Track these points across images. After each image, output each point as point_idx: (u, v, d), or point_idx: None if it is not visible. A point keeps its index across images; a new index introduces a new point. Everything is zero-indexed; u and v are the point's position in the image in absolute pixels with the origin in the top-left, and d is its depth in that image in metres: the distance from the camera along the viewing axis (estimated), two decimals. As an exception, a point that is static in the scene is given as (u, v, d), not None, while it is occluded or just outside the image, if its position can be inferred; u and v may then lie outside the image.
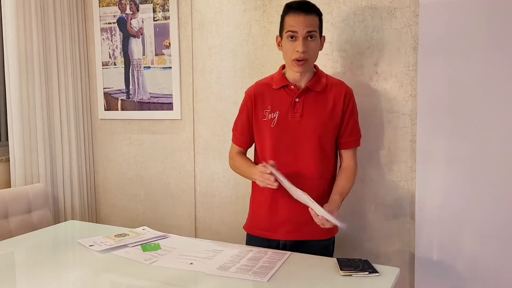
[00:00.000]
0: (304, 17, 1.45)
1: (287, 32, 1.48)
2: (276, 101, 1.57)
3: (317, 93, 1.55)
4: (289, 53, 1.50)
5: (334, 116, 1.55)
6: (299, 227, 1.54)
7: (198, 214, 2.38)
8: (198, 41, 2.28)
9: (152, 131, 2.48)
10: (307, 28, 1.45)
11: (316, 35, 1.49)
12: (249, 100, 1.62)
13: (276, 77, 1.60)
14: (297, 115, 1.53)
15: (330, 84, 1.57)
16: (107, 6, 2.57)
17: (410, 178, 1.79)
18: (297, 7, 1.48)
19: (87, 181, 2.67)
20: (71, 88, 2.54)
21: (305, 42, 1.46)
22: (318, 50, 1.54)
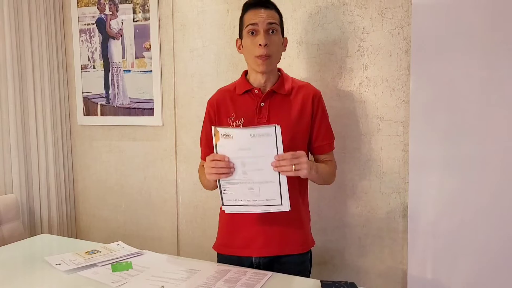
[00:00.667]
0: (265, 11, 1.39)
1: (247, 27, 1.40)
2: (240, 107, 1.47)
3: (283, 96, 1.46)
4: (250, 50, 1.41)
5: (303, 120, 1.46)
6: (272, 242, 1.44)
7: (180, 226, 2.25)
8: (180, 43, 2.15)
9: (133, 138, 2.35)
10: (268, 19, 1.38)
11: (278, 29, 1.41)
12: (211, 109, 1.53)
13: (239, 83, 1.51)
14: (263, 120, 1.43)
15: (296, 87, 1.48)
16: (86, 7, 2.44)
17: (403, 190, 1.67)
18: (256, 3, 1.41)
19: (65, 190, 2.54)
20: (47, 93, 2.41)
21: (267, 35, 1.38)
22: (281, 47, 1.45)
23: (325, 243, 1.82)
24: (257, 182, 1.28)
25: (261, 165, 1.25)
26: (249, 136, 1.24)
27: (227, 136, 1.26)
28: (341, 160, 1.75)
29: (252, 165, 1.26)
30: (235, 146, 1.26)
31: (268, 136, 1.23)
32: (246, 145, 1.25)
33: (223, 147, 1.27)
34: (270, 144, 1.23)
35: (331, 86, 1.77)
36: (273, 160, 1.24)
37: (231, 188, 1.31)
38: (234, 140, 1.25)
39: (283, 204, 1.28)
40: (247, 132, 1.24)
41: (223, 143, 1.27)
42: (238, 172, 1.28)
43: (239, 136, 1.25)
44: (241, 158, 1.26)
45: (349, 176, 1.75)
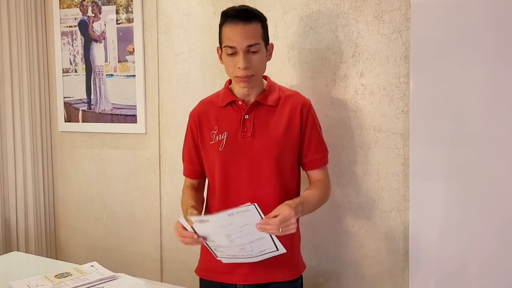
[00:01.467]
0: (243, 27, 1.25)
1: (225, 47, 1.29)
2: (223, 120, 1.36)
3: (269, 108, 1.35)
4: (230, 69, 1.31)
5: (291, 132, 1.34)
6: (259, 268, 1.31)
7: (164, 241, 2.11)
8: (164, 47, 2.03)
9: (115, 145, 2.22)
10: (247, 41, 1.25)
11: (260, 47, 1.29)
12: (193, 123, 1.42)
13: (222, 93, 1.40)
14: (248, 134, 1.32)
15: (284, 97, 1.37)
16: (68, 8, 2.32)
17: (403, 208, 1.54)
18: (234, 15, 1.28)
19: (44, 200, 2.40)
20: (27, 97, 2.28)
21: (247, 56, 1.26)
22: (264, 63, 1.34)
23: (319, 265, 1.69)
24: (247, 243, 1.20)
25: (247, 231, 1.16)
26: (227, 216, 1.12)
27: (201, 222, 1.16)
28: (335, 174, 1.62)
29: (237, 234, 1.17)
30: (213, 227, 1.16)
31: (248, 211, 1.12)
32: (226, 223, 1.14)
33: (200, 228, 1.17)
34: (252, 215, 1.13)
35: (324, 94, 1.65)
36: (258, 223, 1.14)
37: (221, 249, 1.24)
38: (210, 223, 1.16)
39: (279, 249, 1.22)
40: (224, 214, 1.12)
41: (199, 227, 1.17)
42: (224, 241, 1.19)
43: (215, 220, 1.15)
44: (224, 232, 1.16)
45: (344, 192, 1.62)
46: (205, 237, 1.18)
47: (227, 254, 1.25)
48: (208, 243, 1.21)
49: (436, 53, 1.42)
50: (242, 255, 1.24)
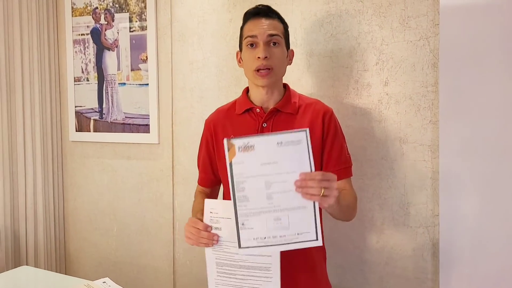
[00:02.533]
0: (265, 21, 1.24)
1: (246, 39, 1.26)
2: (240, 128, 1.29)
3: (288, 115, 1.28)
4: (249, 63, 1.25)
5: (312, 143, 1.23)
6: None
7: (177, 255, 2.04)
8: (178, 55, 1.97)
9: (127, 156, 2.16)
10: (269, 31, 1.22)
11: (281, 41, 1.25)
12: (208, 131, 1.37)
13: (240, 101, 1.35)
14: None
15: (304, 105, 1.30)
16: (80, 16, 2.28)
17: (432, 224, 1.46)
18: (256, 11, 1.26)
19: (54, 211, 2.35)
20: (38, 106, 2.24)
21: (267, 47, 1.22)
22: (284, 61, 1.28)
23: (341, 283, 1.60)
24: (285, 209, 1.00)
25: (290, 185, 0.99)
26: (276, 145, 0.98)
27: (246, 149, 0.99)
28: (358, 187, 1.54)
29: (279, 185, 0.99)
30: (257, 161, 0.99)
31: (299, 144, 0.98)
32: (272, 158, 0.99)
33: (242, 164, 1.00)
34: (302, 154, 0.98)
35: (346, 103, 1.58)
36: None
37: (251, 221, 1.01)
38: (256, 152, 0.99)
39: (318, 238, 1.01)
40: (273, 139, 0.98)
41: (241, 159, 1.00)
42: (261, 198, 1.00)
43: (262, 145, 0.99)
44: (265, 176, 0.99)
45: (368, 206, 1.54)
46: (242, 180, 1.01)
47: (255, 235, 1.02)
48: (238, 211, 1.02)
49: (467, 61, 1.34)
50: (274, 236, 1.01)
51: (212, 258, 1.14)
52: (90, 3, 2.24)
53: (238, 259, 1.11)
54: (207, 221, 1.12)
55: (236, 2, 1.81)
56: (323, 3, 1.62)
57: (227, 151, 1.01)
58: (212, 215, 1.12)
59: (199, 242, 1.12)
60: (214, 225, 1.11)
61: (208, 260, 1.15)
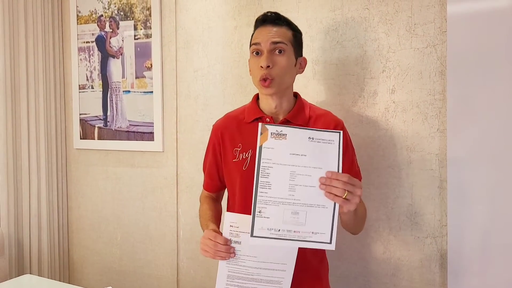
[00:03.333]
0: (272, 28, 1.22)
1: (251, 46, 1.25)
2: (248, 137, 1.26)
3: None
4: (254, 72, 1.24)
5: None
6: None
7: (180, 264, 2.02)
8: (183, 62, 1.97)
9: (131, 164, 2.15)
10: (273, 38, 1.20)
11: (286, 48, 1.21)
12: (215, 137, 1.34)
13: (249, 108, 1.32)
14: None
15: (314, 116, 1.28)
16: (86, 24, 2.28)
17: (440, 234, 1.43)
18: (264, 19, 1.25)
19: (58, 219, 2.34)
20: (42, 114, 2.24)
21: (271, 56, 1.20)
22: (290, 69, 1.23)
23: (345, 293, 1.58)
24: (305, 205, 1.00)
25: (315, 180, 0.99)
26: (307, 139, 1.00)
27: (279, 136, 1.01)
28: (365, 196, 1.51)
29: (303, 178, 0.99)
30: (287, 150, 1.00)
31: (331, 143, 1.00)
32: (302, 150, 1.00)
33: (271, 149, 1.01)
34: (332, 154, 0.99)
35: (352, 112, 1.56)
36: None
37: (269, 210, 1.01)
38: (287, 141, 1.00)
39: (332, 241, 1.00)
40: (306, 133, 1.01)
41: (272, 144, 1.01)
42: (283, 187, 1.00)
43: (294, 136, 1.01)
44: (292, 166, 1.00)
45: (374, 216, 1.51)
46: (267, 165, 1.01)
47: (270, 225, 1.01)
48: (258, 197, 1.01)
49: (475, 68, 1.32)
50: (288, 230, 1.00)
51: (224, 270, 1.13)
52: (95, 10, 2.24)
53: (253, 272, 1.10)
54: (227, 234, 1.11)
55: (241, 10, 1.80)
56: (329, 10, 1.61)
57: (260, 135, 1.02)
58: (232, 229, 1.11)
59: (216, 256, 1.11)
60: (234, 238, 1.11)
61: (220, 272, 1.13)
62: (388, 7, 1.50)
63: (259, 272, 1.10)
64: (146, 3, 2.06)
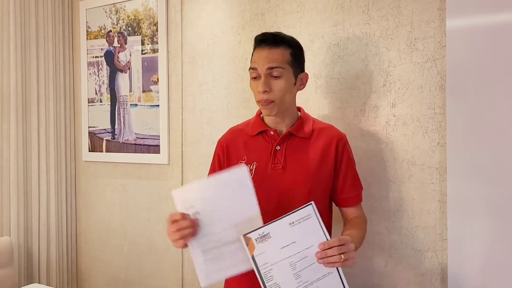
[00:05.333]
0: (268, 51, 1.22)
1: (250, 70, 1.27)
2: (253, 150, 1.30)
3: (301, 140, 1.28)
4: (254, 94, 1.27)
5: (325, 167, 1.27)
6: None
7: (185, 276, 2.04)
8: (189, 77, 2.01)
9: (138, 176, 2.19)
10: (268, 64, 1.21)
11: (282, 72, 1.22)
12: (221, 150, 1.36)
13: (253, 122, 1.35)
14: (278, 166, 1.25)
15: (317, 129, 1.31)
16: (95, 39, 2.35)
17: (440, 248, 1.43)
18: (261, 39, 1.26)
19: (67, 229, 2.39)
20: (52, 127, 2.31)
21: (267, 80, 1.22)
22: (289, 89, 1.25)
23: (347, 307, 1.57)
24: (314, 281, 1.05)
25: (312, 258, 1.04)
26: (288, 226, 1.04)
27: (263, 239, 1.05)
28: (366, 209, 1.51)
29: (302, 263, 1.04)
30: (276, 247, 1.05)
31: (310, 217, 1.04)
32: (289, 240, 1.05)
33: (263, 254, 1.05)
34: (314, 226, 1.04)
35: (353, 125, 1.57)
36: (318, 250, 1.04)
37: None
38: (273, 238, 1.04)
39: None
40: (285, 221, 1.04)
41: (261, 249, 1.04)
42: (290, 280, 1.04)
43: (276, 231, 1.05)
44: (288, 258, 1.05)
45: (376, 229, 1.52)
46: (266, 271, 1.04)
47: None
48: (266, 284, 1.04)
49: (475, 83, 1.33)
50: None
51: (197, 250, 1.09)
52: (104, 26, 2.30)
53: (224, 236, 1.08)
54: (182, 210, 1.08)
55: (245, 25, 1.84)
56: (330, 25, 1.63)
57: (246, 246, 1.05)
58: (185, 203, 1.08)
59: (184, 235, 1.05)
60: (191, 210, 1.07)
61: (194, 255, 1.10)
62: (388, 22, 1.52)
63: (231, 233, 1.08)
64: (153, 19, 2.12)
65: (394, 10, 1.50)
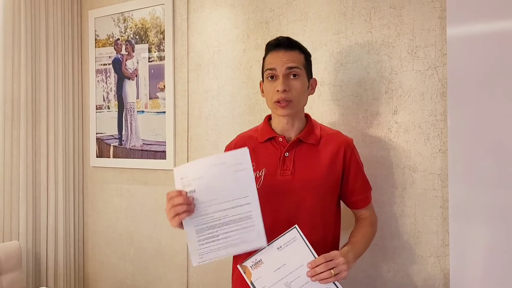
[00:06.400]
0: (285, 53, 1.27)
1: (266, 71, 1.30)
2: (261, 156, 1.31)
3: (310, 146, 1.30)
4: (270, 95, 1.29)
5: (333, 173, 1.29)
6: None
7: (190, 280, 2.06)
8: (194, 84, 2.04)
9: (144, 181, 2.22)
10: (288, 63, 1.25)
11: (301, 72, 1.27)
12: None
13: (262, 129, 1.37)
14: (287, 172, 1.27)
15: (325, 136, 1.33)
16: (103, 47, 2.40)
17: (442, 253, 1.44)
18: (277, 43, 1.30)
19: (74, 235, 2.42)
20: (61, 133, 2.35)
21: (286, 80, 1.25)
22: (304, 91, 1.31)
23: (351, 312, 1.58)
24: None
25: (305, 277, 1.11)
26: (277, 250, 1.12)
27: (257, 265, 1.13)
28: (369, 215, 1.54)
29: (297, 282, 1.11)
30: (270, 270, 1.13)
31: (295, 240, 1.11)
32: (280, 262, 1.12)
33: (260, 279, 1.13)
34: (301, 248, 1.11)
35: (356, 131, 1.60)
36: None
37: None
38: (265, 263, 1.13)
39: None
40: (273, 246, 1.13)
41: (257, 275, 1.13)
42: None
43: (267, 256, 1.13)
44: (282, 279, 1.12)
45: (379, 235, 1.53)
46: None
47: None
48: None
49: (475, 90, 1.35)
50: None
51: (191, 229, 1.12)
52: (113, 34, 2.35)
53: (219, 217, 1.11)
54: (180, 188, 1.11)
55: (250, 33, 1.87)
56: (333, 33, 1.66)
57: (244, 274, 1.14)
58: (183, 181, 1.11)
59: (178, 212, 1.08)
60: (188, 189, 1.10)
61: (188, 234, 1.13)
62: (390, 31, 1.54)
63: (225, 214, 1.11)
64: (160, 28, 2.16)
65: (396, 18, 1.52)
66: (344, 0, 1.63)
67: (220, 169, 1.10)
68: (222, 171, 1.10)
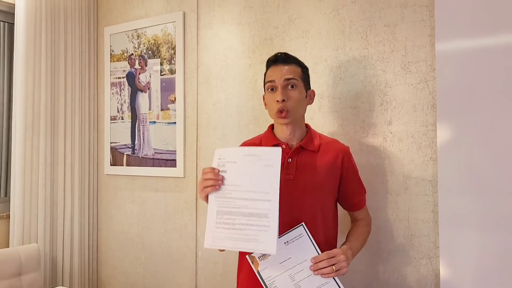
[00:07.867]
0: (283, 67, 1.38)
1: (267, 84, 1.42)
2: None
3: (311, 153, 1.41)
4: (271, 105, 1.41)
5: (332, 177, 1.41)
6: None
7: (199, 283, 2.16)
8: (203, 96, 2.17)
9: (155, 188, 2.35)
10: (286, 75, 1.37)
11: (298, 83, 1.38)
12: None
13: (266, 137, 1.49)
14: (290, 177, 1.38)
15: (324, 143, 1.45)
16: (118, 61, 2.54)
17: (434, 255, 1.53)
18: (275, 59, 1.42)
19: (89, 239, 2.54)
20: (78, 142, 2.48)
21: (285, 91, 1.37)
22: (302, 101, 1.40)
23: (349, 311, 1.67)
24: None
25: (308, 271, 1.22)
26: (284, 244, 1.22)
27: (264, 256, 1.24)
28: (365, 219, 1.64)
29: (300, 274, 1.22)
30: (275, 262, 1.23)
31: (302, 236, 1.22)
32: (285, 255, 1.23)
33: (266, 269, 1.24)
34: (306, 243, 1.22)
35: (354, 141, 1.70)
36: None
37: None
38: (272, 256, 1.23)
39: None
40: (281, 241, 1.22)
41: (264, 265, 1.24)
42: (289, 286, 1.22)
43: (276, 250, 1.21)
44: (287, 271, 1.23)
45: (374, 238, 1.63)
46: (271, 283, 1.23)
47: None
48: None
49: (463, 102, 1.45)
50: None
51: (214, 207, 1.21)
52: (127, 50, 2.50)
53: (239, 205, 1.18)
54: (215, 165, 1.23)
55: (255, 49, 2.00)
56: (332, 49, 1.78)
57: (252, 264, 1.24)
58: (220, 161, 1.23)
59: (206, 185, 1.20)
60: (221, 168, 1.22)
61: (210, 210, 1.21)
62: (385, 47, 1.66)
63: (246, 204, 1.17)
64: (171, 43, 2.30)
65: (390, 36, 1.64)
66: (342, 19, 1.75)
67: (253, 159, 1.21)
68: (253, 162, 1.20)
